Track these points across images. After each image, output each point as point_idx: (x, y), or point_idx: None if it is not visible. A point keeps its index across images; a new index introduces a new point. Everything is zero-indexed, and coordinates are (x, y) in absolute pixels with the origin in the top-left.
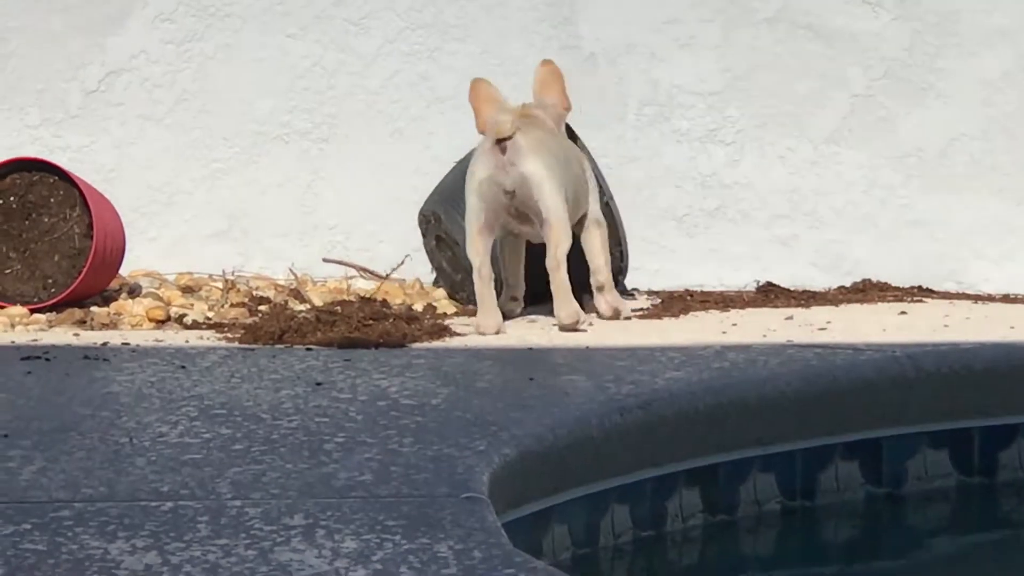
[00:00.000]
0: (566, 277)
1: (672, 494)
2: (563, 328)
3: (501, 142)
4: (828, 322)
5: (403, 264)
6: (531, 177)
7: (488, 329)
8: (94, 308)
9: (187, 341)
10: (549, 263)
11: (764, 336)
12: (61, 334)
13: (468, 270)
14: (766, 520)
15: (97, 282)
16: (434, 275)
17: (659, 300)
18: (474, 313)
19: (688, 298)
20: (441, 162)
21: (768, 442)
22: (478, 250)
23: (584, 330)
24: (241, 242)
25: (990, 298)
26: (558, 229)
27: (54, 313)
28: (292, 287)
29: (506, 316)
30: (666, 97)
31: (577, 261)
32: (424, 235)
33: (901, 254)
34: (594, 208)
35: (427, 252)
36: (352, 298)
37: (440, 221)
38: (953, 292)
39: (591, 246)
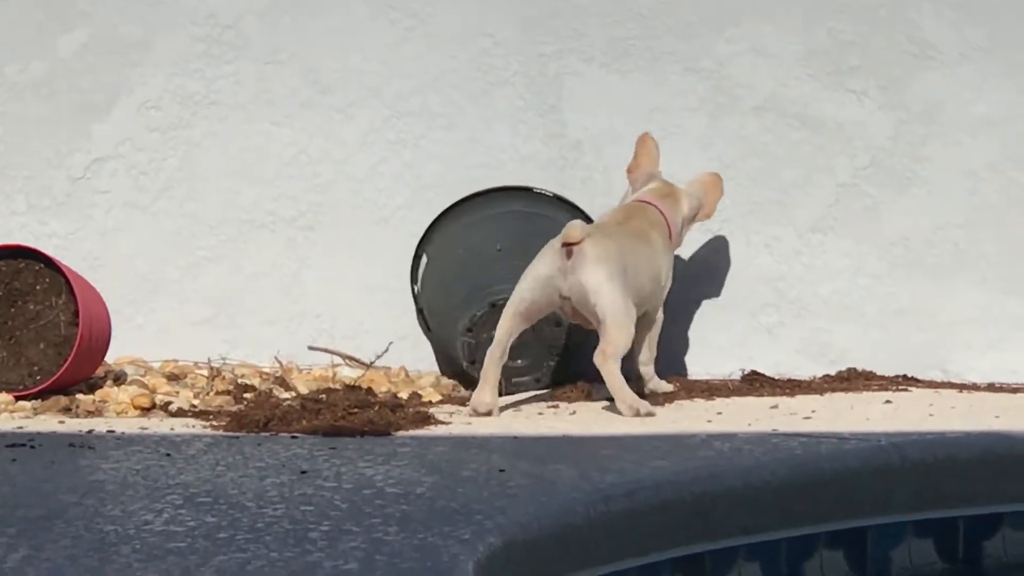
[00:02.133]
0: (617, 370)
1: None
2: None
3: (568, 246)
4: (813, 411)
5: (387, 351)
6: (588, 286)
7: (480, 407)
8: (79, 395)
9: (172, 429)
10: (597, 357)
11: (749, 425)
12: (46, 421)
13: None
14: None
15: (83, 370)
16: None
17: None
18: (459, 401)
19: (676, 385)
20: None
21: (753, 531)
22: (506, 330)
23: (653, 414)
24: (227, 330)
25: (975, 387)
26: (614, 331)
27: (39, 400)
28: (277, 375)
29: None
30: None
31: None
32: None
33: (886, 343)
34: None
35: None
36: (337, 386)
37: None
38: (938, 381)
39: (639, 337)
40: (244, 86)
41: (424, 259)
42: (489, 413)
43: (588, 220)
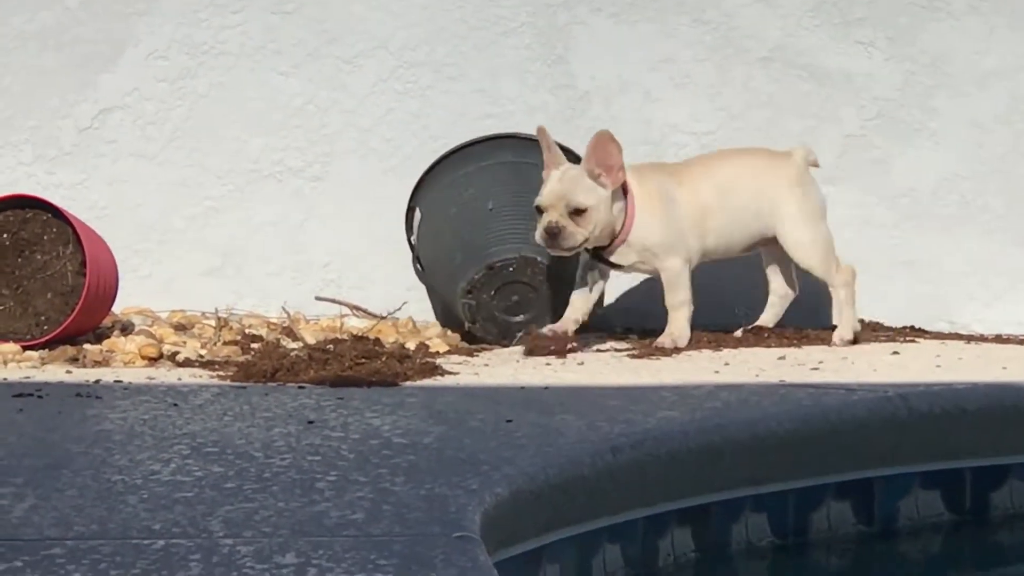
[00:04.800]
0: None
1: (664, 533)
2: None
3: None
4: (820, 362)
5: (399, 309)
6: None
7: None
8: (87, 345)
9: (179, 379)
10: None
11: (756, 376)
12: (53, 371)
13: None
14: (757, 558)
15: (90, 320)
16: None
17: (649, 339)
18: (466, 352)
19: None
20: None
21: (760, 482)
22: None
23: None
24: (234, 280)
25: (982, 338)
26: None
27: (46, 350)
28: (285, 325)
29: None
30: (660, 136)
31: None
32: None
33: (894, 294)
34: None
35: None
36: (345, 336)
37: None
38: (945, 332)
39: None
40: (251, 36)
41: (418, 213)
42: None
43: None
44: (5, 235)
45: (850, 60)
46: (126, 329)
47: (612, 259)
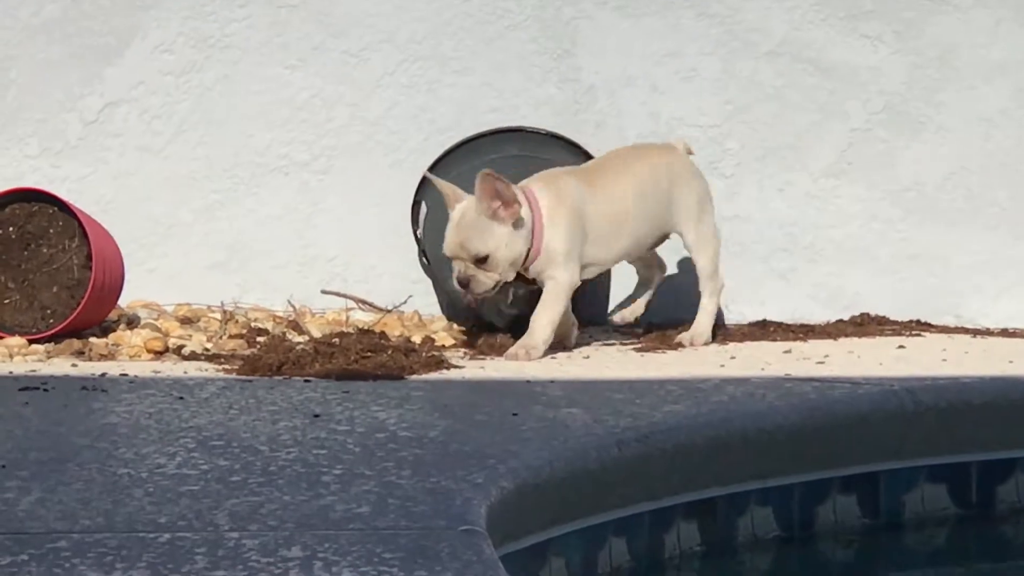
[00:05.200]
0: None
1: (670, 527)
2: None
3: None
4: (826, 356)
5: (405, 303)
6: None
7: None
8: (92, 339)
9: (185, 372)
10: None
11: (762, 369)
12: (59, 365)
13: None
14: (763, 552)
15: (96, 313)
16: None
17: (655, 333)
18: (471, 345)
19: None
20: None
21: (766, 475)
22: None
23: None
24: (239, 273)
25: (988, 332)
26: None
27: (52, 344)
28: (291, 319)
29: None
30: (666, 129)
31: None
32: None
33: (900, 288)
34: None
35: None
36: (351, 330)
37: None
38: (951, 326)
39: None
40: (257, 30)
41: (424, 207)
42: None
43: (587, 156)
44: (11, 228)
45: (856, 54)
46: (132, 322)
47: (527, 274)
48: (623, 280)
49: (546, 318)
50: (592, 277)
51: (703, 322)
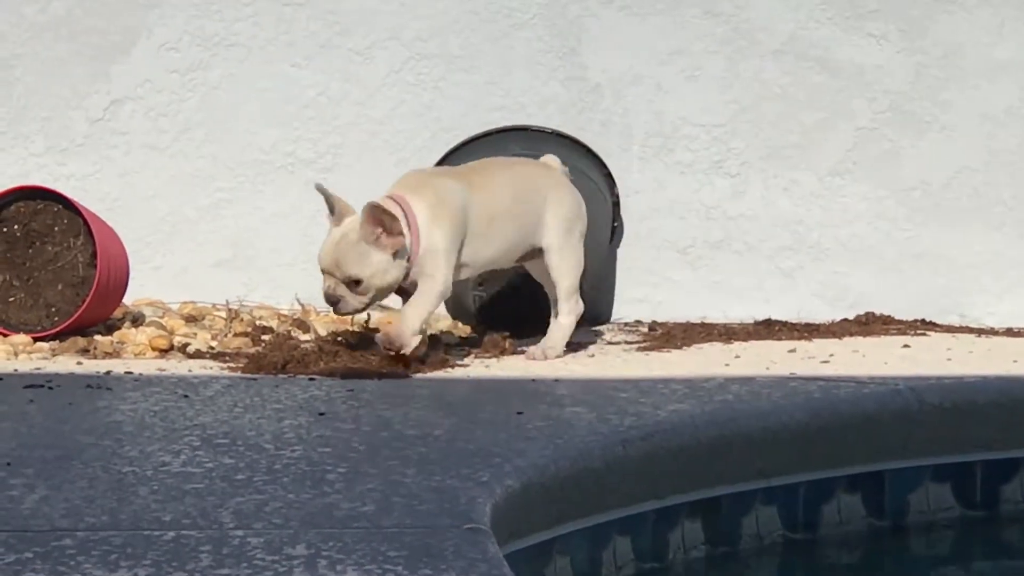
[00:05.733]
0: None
1: (675, 526)
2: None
3: None
4: (831, 355)
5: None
6: None
7: None
8: (97, 337)
9: (190, 370)
10: None
11: (767, 368)
12: (64, 363)
13: None
14: (768, 552)
15: (101, 311)
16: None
17: (660, 332)
18: (475, 344)
19: (693, 329)
20: None
21: (771, 474)
22: None
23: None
24: (245, 271)
25: (993, 332)
26: None
27: (57, 342)
28: (296, 317)
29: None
30: (671, 128)
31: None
32: None
33: (905, 287)
34: None
35: None
36: (356, 328)
37: None
38: (956, 325)
39: None
40: (263, 28)
41: None
42: None
43: (593, 155)
44: (16, 226)
45: (862, 53)
46: (137, 320)
47: (405, 283)
48: (622, 281)
49: (416, 312)
50: (462, 279)
51: (556, 336)
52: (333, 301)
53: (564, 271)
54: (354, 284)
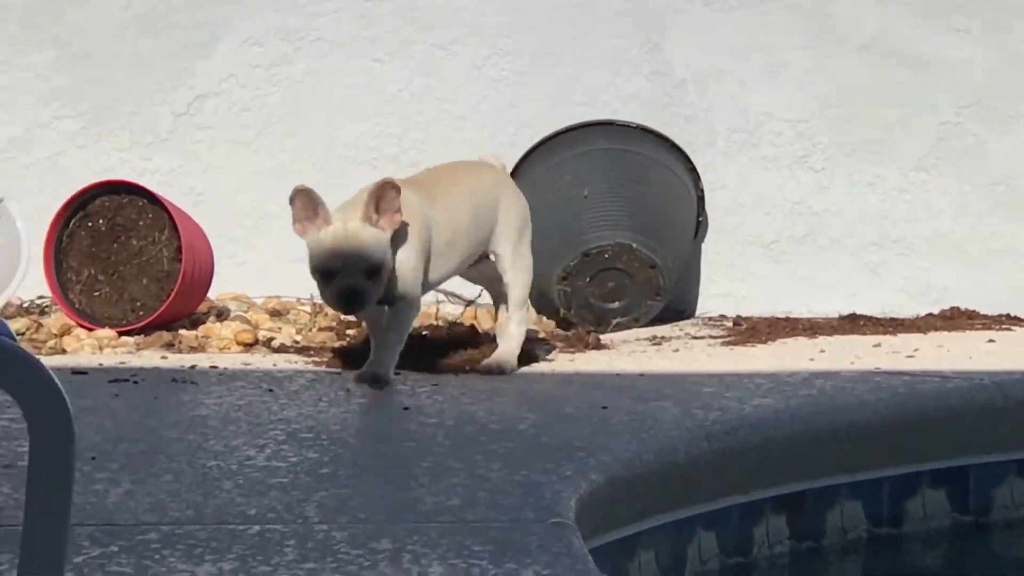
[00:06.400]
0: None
1: (759, 521)
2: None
3: None
4: (916, 350)
5: (480, 295)
6: None
7: None
8: (182, 331)
9: (275, 365)
10: None
11: (852, 363)
12: (149, 357)
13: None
14: (852, 548)
15: (185, 305)
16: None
17: (744, 326)
18: (562, 339)
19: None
20: None
21: (855, 469)
22: None
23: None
24: None
25: None
26: None
27: (142, 336)
28: None
29: None
30: (755, 124)
31: None
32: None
33: (990, 282)
34: None
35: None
36: (441, 323)
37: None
38: None
39: None
40: (345, 23)
41: None
42: None
43: (678, 150)
44: (101, 221)
45: (946, 48)
46: (221, 315)
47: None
48: (707, 276)
49: (394, 342)
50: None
51: (510, 348)
52: (356, 298)
53: (515, 280)
54: (373, 272)
